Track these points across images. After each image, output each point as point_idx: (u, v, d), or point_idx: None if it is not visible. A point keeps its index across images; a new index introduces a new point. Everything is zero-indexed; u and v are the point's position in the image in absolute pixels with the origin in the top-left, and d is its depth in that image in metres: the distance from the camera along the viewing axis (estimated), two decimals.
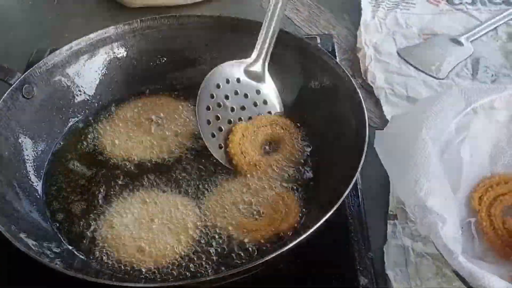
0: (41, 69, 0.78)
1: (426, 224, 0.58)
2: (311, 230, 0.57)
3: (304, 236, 0.57)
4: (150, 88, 0.85)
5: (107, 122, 0.81)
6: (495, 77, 0.93)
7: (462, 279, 0.56)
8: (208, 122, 0.73)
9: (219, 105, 0.75)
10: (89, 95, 0.82)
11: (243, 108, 0.76)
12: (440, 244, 0.57)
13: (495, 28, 1.02)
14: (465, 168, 0.69)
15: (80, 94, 0.82)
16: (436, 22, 1.03)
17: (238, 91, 0.76)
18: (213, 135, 0.73)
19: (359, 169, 0.63)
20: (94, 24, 0.86)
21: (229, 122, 0.75)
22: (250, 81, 0.78)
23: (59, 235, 0.68)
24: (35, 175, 0.74)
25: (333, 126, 0.75)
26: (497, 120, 0.71)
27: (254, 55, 0.78)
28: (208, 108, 0.74)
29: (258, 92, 0.78)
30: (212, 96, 0.74)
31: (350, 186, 0.61)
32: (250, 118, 0.77)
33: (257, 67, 0.78)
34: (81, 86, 0.82)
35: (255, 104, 0.77)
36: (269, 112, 0.77)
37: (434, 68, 0.94)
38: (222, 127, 0.74)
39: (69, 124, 0.80)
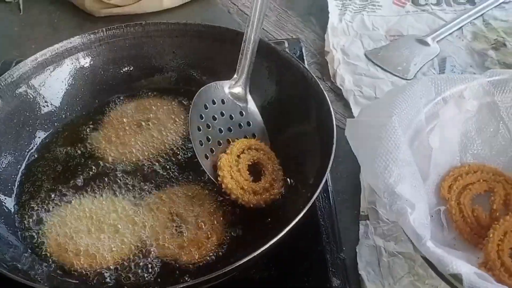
0: (6, 81, 0.76)
1: (395, 210, 0.58)
2: (277, 237, 0.57)
3: (270, 242, 0.57)
4: (118, 97, 0.84)
5: (78, 131, 0.81)
6: None
7: (431, 265, 0.56)
8: (201, 143, 0.72)
9: (208, 126, 0.73)
10: (55, 106, 0.81)
11: (229, 129, 0.75)
12: (408, 230, 0.57)
13: (460, 27, 1.03)
14: (434, 156, 0.70)
15: (47, 106, 0.80)
16: (402, 23, 1.05)
17: (224, 113, 0.75)
18: (206, 157, 0.72)
19: (328, 171, 0.63)
20: (61, 34, 0.85)
21: (219, 143, 0.73)
22: (234, 102, 0.76)
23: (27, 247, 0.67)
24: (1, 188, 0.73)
25: (301, 130, 0.75)
26: (466, 109, 0.72)
27: (235, 76, 0.77)
28: (199, 129, 0.72)
29: (241, 113, 0.77)
30: (201, 117, 0.73)
31: (318, 191, 0.61)
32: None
33: (238, 89, 0.77)
34: (47, 97, 0.80)
35: (240, 126, 0.76)
36: (254, 134, 0.76)
37: (401, 69, 0.95)
38: (213, 149, 0.73)
39: (37, 136, 0.79)
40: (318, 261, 0.67)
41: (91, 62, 0.84)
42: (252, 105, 0.77)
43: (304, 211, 0.59)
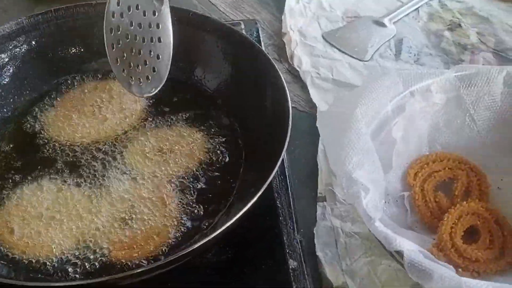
0: None
1: (351, 193, 0.61)
2: (232, 220, 0.56)
3: (226, 225, 0.56)
4: (68, 79, 0.82)
5: (26, 115, 0.78)
6: (417, 57, 0.94)
7: (379, 242, 0.60)
8: (111, 30, 0.73)
9: (121, 15, 0.72)
10: (2, 90, 0.78)
11: (139, 25, 0.73)
12: (361, 211, 0.60)
13: (417, 9, 1.04)
14: (399, 146, 0.72)
15: None
16: (359, 4, 1.04)
17: (139, 6, 0.73)
18: (117, 61, 0.73)
19: (283, 152, 0.63)
20: (12, 16, 0.82)
21: (126, 36, 0.73)
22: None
23: None
24: None
25: (257, 111, 0.74)
26: (434, 102, 0.74)
27: None
28: (113, 16, 0.72)
29: (154, 13, 0.73)
30: (118, 3, 0.72)
31: (274, 172, 0.60)
32: (143, 39, 0.73)
33: None
34: None
35: (150, 25, 0.73)
36: (159, 39, 0.73)
37: (358, 50, 0.95)
38: (125, 53, 0.73)
39: None
40: (275, 243, 0.66)
41: (40, 44, 0.80)
42: (167, 9, 0.73)
43: (260, 193, 0.59)
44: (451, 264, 0.58)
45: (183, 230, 0.65)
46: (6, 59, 0.79)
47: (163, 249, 0.63)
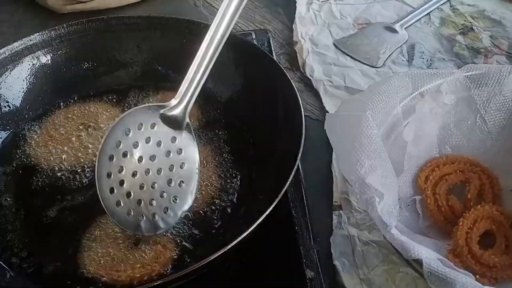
0: None
1: (364, 199, 0.60)
2: (248, 231, 0.56)
3: (241, 237, 0.56)
4: (82, 94, 0.82)
5: (38, 133, 0.78)
6: (430, 62, 0.94)
7: (396, 250, 0.58)
8: (108, 175, 0.62)
9: (124, 155, 0.63)
10: (16, 106, 0.79)
11: (152, 158, 0.65)
12: (376, 217, 0.59)
13: (428, 14, 1.03)
14: (410, 149, 0.71)
15: (7, 105, 0.78)
16: (370, 11, 1.04)
17: (150, 138, 0.65)
18: (112, 191, 0.62)
19: (298, 161, 0.62)
20: (24, 33, 0.82)
21: (133, 174, 0.63)
22: (165, 127, 0.66)
23: None
24: None
25: (270, 121, 0.74)
26: (444, 103, 0.72)
27: (177, 97, 0.67)
28: (111, 159, 0.62)
29: (173, 140, 0.67)
30: (118, 145, 0.63)
31: (288, 182, 0.60)
32: (158, 170, 0.65)
33: (177, 111, 0.66)
34: (8, 97, 0.78)
35: (168, 154, 0.66)
36: (183, 163, 0.66)
37: (370, 57, 0.94)
38: (124, 180, 0.63)
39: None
40: (291, 253, 0.66)
41: (53, 60, 0.81)
42: (189, 131, 0.68)
43: (275, 203, 0.58)
44: (468, 270, 0.56)
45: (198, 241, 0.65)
46: (20, 76, 0.79)
47: (175, 263, 0.63)
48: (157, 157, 0.65)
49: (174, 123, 0.66)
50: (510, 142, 0.73)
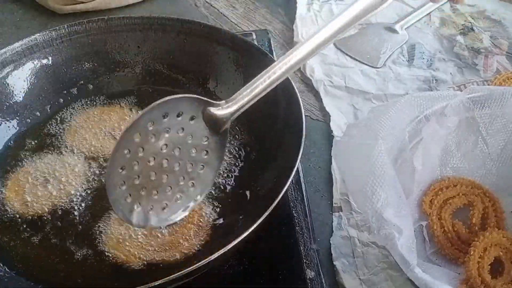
0: None
1: (383, 235, 0.58)
2: (248, 231, 0.56)
3: (241, 236, 0.55)
4: (82, 94, 0.82)
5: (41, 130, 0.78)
6: (430, 62, 0.94)
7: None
8: (129, 151, 0.57)
9: (152, 136, 0.59)
10: (18, 106, 0.79)
11: (176, 149, 0.61)
12: (397, 255, 0.57)
13: (428, 14, 1.03)
14: (417, 174, 0.70)
15: (8, 105, 0.78)
16: None
17: (184, 129, 0.61)
18: (123, 183, 0.58)
19: (298, 162, 0.62)
20: (24, 33, 0.83)
21: (150, 160, 0.59)
22: (203, 124, 0.62)
23: None
24: None
25: (271, 121, 0.74)
26: (447, 125, 0.72)
27: (229, 100, 0.62)
28: (138, 136, 0.58)
29: (206, 139, 0.63)
30: (150, 124, 0.58)
31: (288, 182, 0.60)
32: (177, 164, 0.62)
33: (223, 113, 0.62)
34: (9, 97, 0.78)
35: (193, 151, 0.62)
36: (202, 165, 0.63)
37: (370, 57, 0.95)
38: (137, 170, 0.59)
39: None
40: (291, 253, 0.66)
41: (54, 60, 0.81)
42: (224, 137, 0.64)
43: (275, 203, 0.58)
44: None
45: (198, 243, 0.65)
46: (21, 76, 0.79)
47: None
48: (181, 150, 0.61)
49: (213, 123, 0.62)
50: (510, 163, 0.73)
